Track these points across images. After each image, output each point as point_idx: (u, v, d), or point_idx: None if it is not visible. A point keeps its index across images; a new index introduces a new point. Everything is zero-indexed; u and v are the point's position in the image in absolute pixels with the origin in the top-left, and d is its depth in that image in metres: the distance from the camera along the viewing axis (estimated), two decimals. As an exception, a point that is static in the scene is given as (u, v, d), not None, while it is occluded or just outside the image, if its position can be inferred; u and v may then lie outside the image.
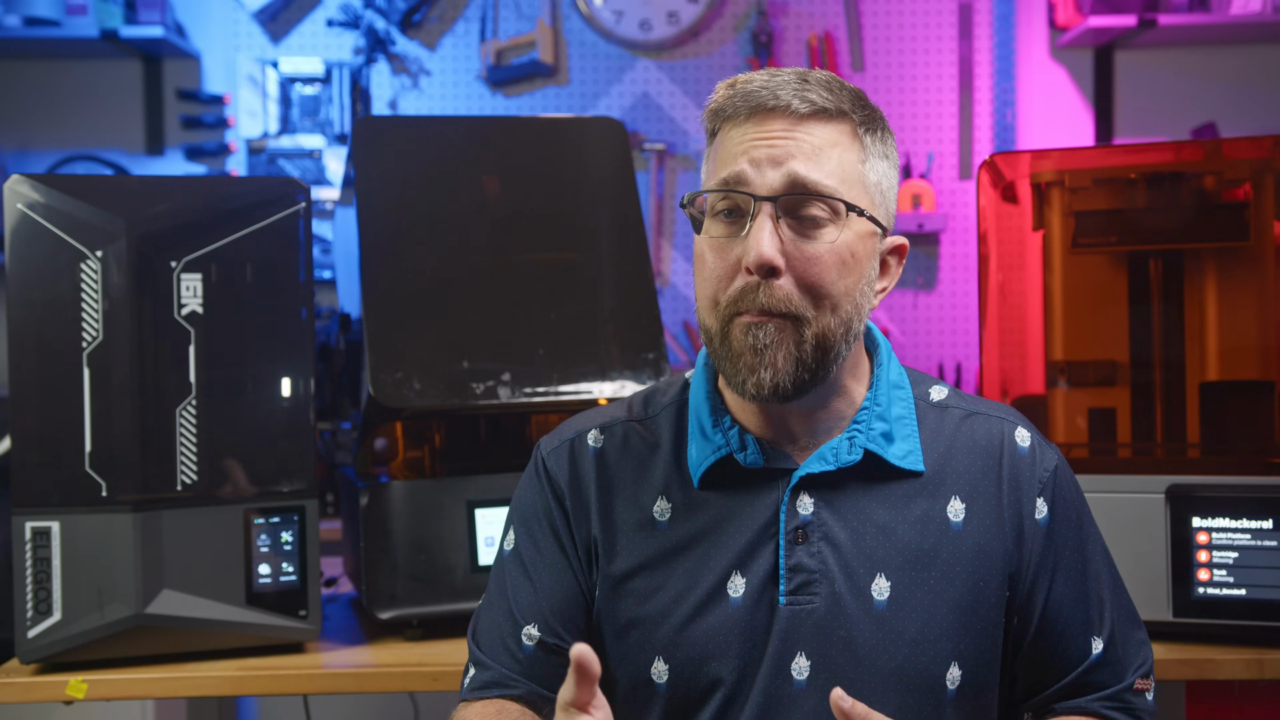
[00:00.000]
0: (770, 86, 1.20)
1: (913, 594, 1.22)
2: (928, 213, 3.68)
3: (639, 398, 1.37)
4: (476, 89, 3.78)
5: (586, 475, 1.31)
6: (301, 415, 1.75)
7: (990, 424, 1.30)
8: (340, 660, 1.73)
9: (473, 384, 1.79)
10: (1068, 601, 1.27)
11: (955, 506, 1.25)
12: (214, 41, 3.77)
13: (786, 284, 1.18)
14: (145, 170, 3.75)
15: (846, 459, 1.24)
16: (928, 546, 1.23)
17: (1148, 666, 1.32)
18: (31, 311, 1.65)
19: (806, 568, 1.22)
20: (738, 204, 1.20)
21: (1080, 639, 1.28)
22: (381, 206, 1.87)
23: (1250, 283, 1.73)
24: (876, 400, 1.27)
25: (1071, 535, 1.29)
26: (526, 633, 1.29)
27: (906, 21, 3.79)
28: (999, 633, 1.25)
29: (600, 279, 1.91)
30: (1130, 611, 1.34)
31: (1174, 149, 1.83)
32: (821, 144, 1.20)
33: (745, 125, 1.21)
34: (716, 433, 1.27)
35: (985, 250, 1.82)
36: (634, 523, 1.28)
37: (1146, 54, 3.79)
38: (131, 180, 2.23)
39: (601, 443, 1.32)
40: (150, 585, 1.67)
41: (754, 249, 1.17)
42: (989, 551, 1.24)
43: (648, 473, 1.30)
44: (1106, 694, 1.28)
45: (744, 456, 1.26)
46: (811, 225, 1.19)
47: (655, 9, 3.73)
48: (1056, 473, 1.30)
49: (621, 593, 1.27)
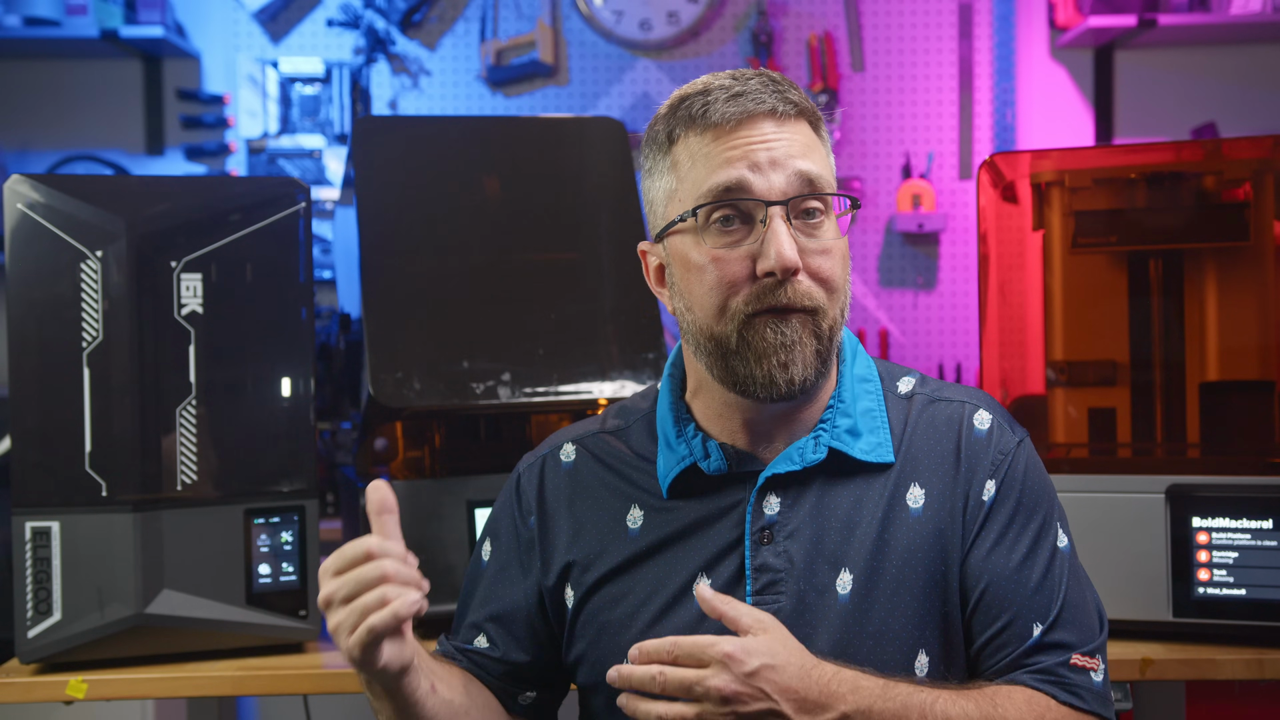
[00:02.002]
0: (749, 92, 1.21)
1: (875, 586, 1.22)
2: (928, 213, 3.68)
3: (614, 409, 1.41)
4: (476, 89, 3.78)
5: (557, 492, 1.35)
6: (301, 415, 1.75)
7: (951, 409, 1.30)
8: (340, 660, 1.72)
9: (473, 384, 1.79)
10: (1006, 582, 1.23)
11: (914, 493, 1.25)
12: (214, 41, 3.77)
13: (805, 280, 1.20)
14: (145, 170, 3.75)
15: (812, 458, 1.25)
16: (888, 536, 1.23)
17: (1093, 647, 1.25)
18: (31, 311, 1.65)
19: (772, 567, 1.23)
20: (741, 210, 1.20)
21: (1021, 622, 1.23)
22: (381, 206, 1.87)
23: (1250, 283, 1.73)
24: (840, 397, 1.28)
25: (1019, 517, 1.25)
26: (479, 643, 1.38)
27: (906, 21, 3.79)
28: (961, 616, 1.24)
29: (600, 279, 1.91)
30: (1086, 602, 1.28)
31: (1174, 149, 1.83)
32: (807, 141, 1.23)
33: (733, 133, 1.21)
34: (680, 443, 1.29)
35: (985, 250, 1.82)
36: (607, 532, 1.31)
37: (1146, 54, 3.79)
38: (131, 180, 2.23)
39: (574, 456, 1.37)
40: (150, 585, 1.67)
41: (776, 254, 1.18)
42: (946, 536, 1.24)
43: (620, 483, 1.33)
44: (1037, 668, 1.23)
45: (707, 464, 1.27)
46: (814, 221, 1.22)
47: (655, 9, 3.73)
48: (1014, 455, 1.27)
49: (594, 600, 1.30)
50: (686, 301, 1.25)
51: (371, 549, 1.10)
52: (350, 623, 1.09)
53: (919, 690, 1.16)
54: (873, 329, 3.78)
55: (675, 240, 1.25)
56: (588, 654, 1.31)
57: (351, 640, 1.09)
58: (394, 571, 1.09)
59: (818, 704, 1.11)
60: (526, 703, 1.39)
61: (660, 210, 1.28)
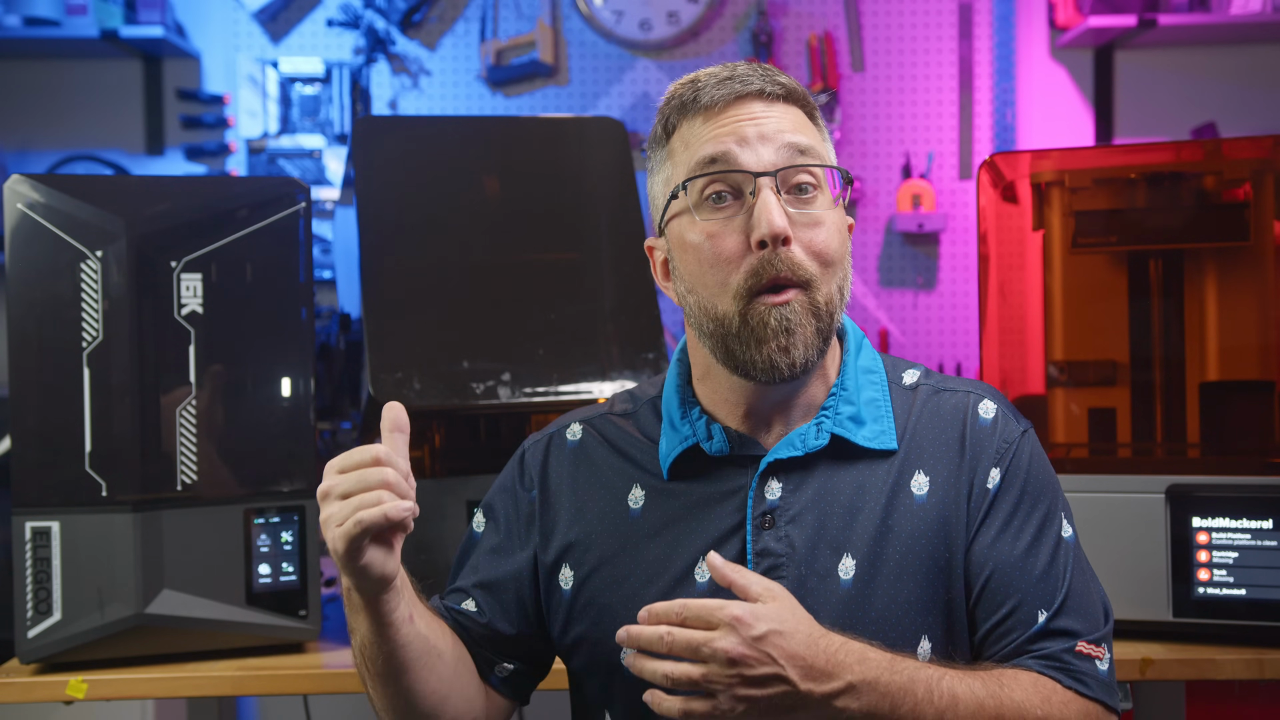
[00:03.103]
0: (737, 75, 1.24)
1: (877, 572, 1.22)
2: (928, 213, 3.68)
3: (624, 394, 1.42)
4: (476, 89, 3.78)
5: (560, 468, 1.37)
6: (301, 415, 1.75)
7: (956, 398, 1.31)
8: (340, 660, 1.73)
9: (473, 384, 1.79)
10: (1011, 570, 1.24)
11: (919, 480, 1.26)
12: (214, 41, 3.77)
13: (798, 250, 1.21)
14: (145, 170, 3.75)
15: (814, 444, 1.26)
16: (891, 522, 1.24)
17: (1099, 636, 1.25)
18: (31, 311, 1.65)
19: (773, 552, 1.24)
20: (730, 186, 1.22)
21: (1026, 609, 1.23)
22: (381, 206, 1.87)
23: (1250, 283, 1.73)
24: (844, 385, 1.29)
25: (1024, 505, 1.26)
26: (465, 605, 1.38)
27: (906, 21, 3.79)
28: (966, 603, 1.25)
29: (600, 279, 1.91)
30: (1091, 592, 1.28)
31: (1174, 149, 1.83)
32: (796, 121, 1.25)
33: (722, 113, 1.23)
34: (684, 424, 1.30)
35: (985, 250, 1.82)
36: (608, 512, 1.32)
37: (1146, 54, 3.79)
38: (131, 180, 2.23)
39: (580, 435, 1.38)
40: (150, 585, 1.67)
41: (765, 221, 1.18)
42: (951, 522, 1.24)
43: (624, 464, 1.34)
44: (1043, 653, 1.23)
45: (710, 445, 1.28)
46: (805, 195, 1.23)
47: (655, 9, 3.73)
48: (1019, 444, 1.28)
49: (594, 581, 1.31)
50: (688, 284, 1.26)
51: (379, 455, 1.13)
52: (341, 515, 1.12)
53: (925, 666, 1.16)
54: (873, 329, 3.78)
55: (673, 225, 1.27)
56: (587, 635, 1.31)
57: (339, 531, 1.11)
58: (394, 481, 1.12)
59: (824, 672, 1.11)
60: (503, 674, 1.38)
61: (660, 202, 1.30)
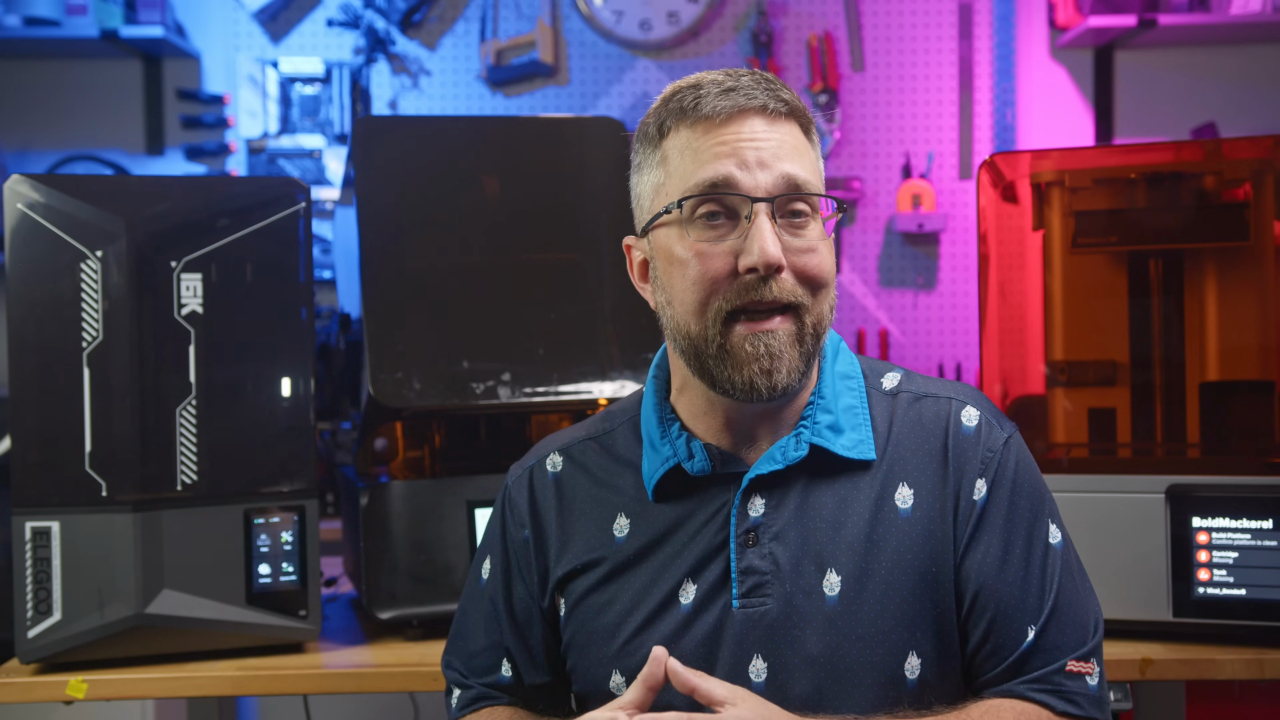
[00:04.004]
0: (740, 87, 1.21)
1: (863, 587, 1.21)
2: (928, 213, 3.68)
3: (601, 414, 1.39)
4: (476, 89, 3.78)
5: (546, 503, 1.34)
6: (301, 415, 1.75)
7: (938, 405, 1.28)
8: (340, 660, 1.73)
9: (473, 384, 1.79)
10: (1000, 586, 1.22)
11: (903, 493, 1.24)
12: (214, 41, 3.77)
13: (788, 277, 1.20)
14: (145, 170, 3.75)
15: (793, 455, 1.24)
16: (877, 537, 1.22)
17: (1087, 650, 1.23)
18: (31, 311, 1.65)
19: (758, 570, 1.22)
20: (725, 206, 1.20)
21: (1016, 626, 1.22)
22: (381, 206, 1.87)
23: (1250, 283, 1.73)
24: (821, 394, 1.27)
25: (1012, 518, 1.24)
26: (504, 666, 1.36)
27: (906, 21, 3.79)
28: (955, 618, 1.23)
29: (600, 279, 1.91)
30: (1080, 600, 1.26)
31: (1174, 149, 1.84)
32: (796, 143, 1.23)
33: (723, 126, 1.20)
34: (664, 443, 1.28)
35: (985, 250, 1.82)
36: (594, 541, 1.30)
37: (1146, 54, 3.79)
38: (131, 180, 2.23)
39: (560, 466, 1.35)
40: (150, 585, 1.67)
41: (760, 250, 1.17)
42: (937, 536, 1.22)
43: (606, 490, 1.32)
44: (1033, 677, 1.21)
45: (691, 465, 1.26)
46: (799, 220, 1.22)
47: (655, 9, 3.73)
48: (1003, 453, 1.26)
49: (581, 610, 1.29)
50: (668, 295, 1.24)
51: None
52: None
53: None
54: (873, 329, 3.78)
55: (660, 233, 1.25)
56: (578, 665, 1.30)
57: None
58: None
59: None
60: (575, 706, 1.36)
61: (646, 204, 1.27)
